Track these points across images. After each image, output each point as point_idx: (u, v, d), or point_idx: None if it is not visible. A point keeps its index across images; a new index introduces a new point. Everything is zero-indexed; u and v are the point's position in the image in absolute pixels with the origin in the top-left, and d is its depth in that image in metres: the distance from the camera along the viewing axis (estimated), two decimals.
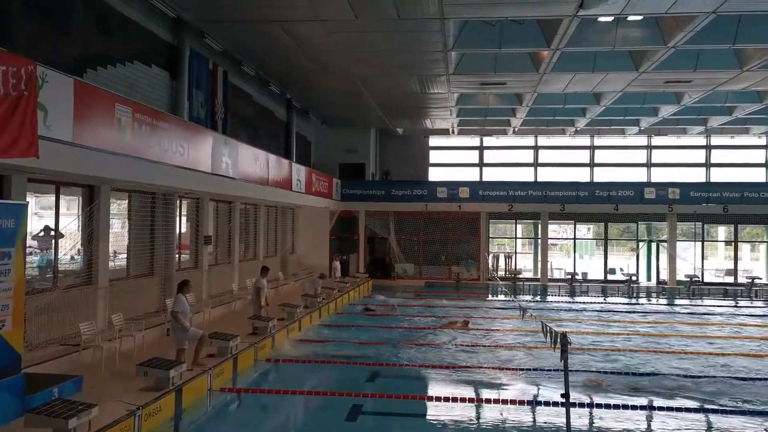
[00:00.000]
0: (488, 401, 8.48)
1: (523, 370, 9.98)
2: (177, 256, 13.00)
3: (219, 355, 9.58)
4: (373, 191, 25.88)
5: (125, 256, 11.57)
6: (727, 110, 22.41)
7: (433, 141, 29.30)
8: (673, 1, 11.93)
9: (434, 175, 28.80)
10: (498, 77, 17.95)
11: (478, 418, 8.08)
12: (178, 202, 12.90)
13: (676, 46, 14.52)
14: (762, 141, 27.38)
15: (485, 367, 10.21)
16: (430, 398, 8.86)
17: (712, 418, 8.04)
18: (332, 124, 25.86)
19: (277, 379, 10.20)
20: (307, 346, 11.98)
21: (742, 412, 8.07)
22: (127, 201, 11.58)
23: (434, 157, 29.44)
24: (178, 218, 13.04)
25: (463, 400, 8.50)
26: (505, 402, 8.42)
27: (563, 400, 6.13)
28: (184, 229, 13.88)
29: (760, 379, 9.69)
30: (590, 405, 8.31)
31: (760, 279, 24.33)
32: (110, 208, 10.56)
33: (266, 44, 15.33)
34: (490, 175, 28.68)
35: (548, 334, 6.65)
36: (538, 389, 9.08)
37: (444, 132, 27.88)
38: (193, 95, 13.78)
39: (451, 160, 29.55)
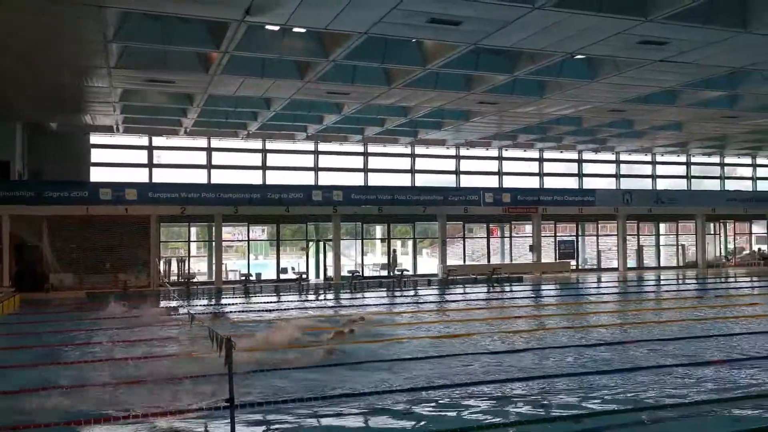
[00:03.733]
0: (154, 415, 8.00)
1: (189, 378, 9.68)
2: None
3: None
4: (20, 193, 22.75)
5: None
6: (379, 121, 25.13)
7: (95, 139, 26.91)
8: (332, 19, 12.91)
9: (97, 175, 26.46)
10: (166, 75, 17.27)
11: None
12: None
13: (336, 60, 15.75)
14: (408, 150, 31.39)
15: (148, 381, 9.63)
16: (88, 422, 8.02)
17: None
18: None
19: None
20: None
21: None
22: None
23: (97, 156, 27.05)
24: None
25: (125, 418, 7.88)
26: (172, 414, 8.05)
27: (227, 404, 6.08)
28: None
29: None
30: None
31: (408, 271, 27.86)
32: None
33: None
34: (161, 176, 27.49)
35: (214, 340, 6.55)
36: (205, 395, 8.86)
37: (108, 129, 25.80)
38: None
39: (117, 159, 27.51)
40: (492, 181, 32.58)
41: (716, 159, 36.67)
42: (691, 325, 14.38)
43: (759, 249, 35.93)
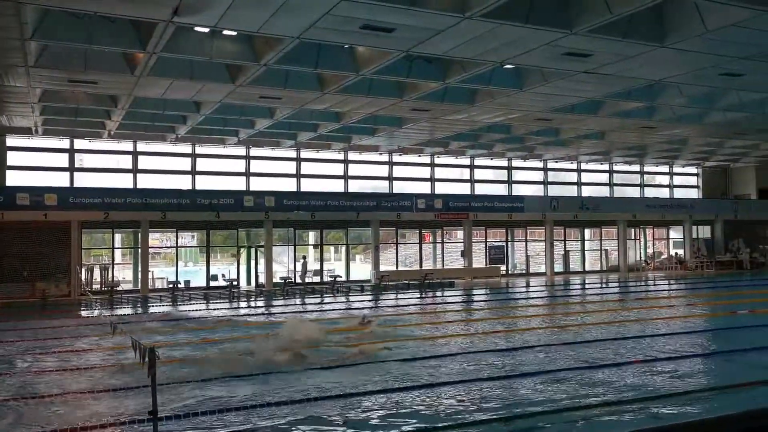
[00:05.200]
0: (75, 429, 7.64)
1: (110, 390, 9.31)
2: None
3: None
4: None
5: None
6: (312, 127, 24.94)
7: (12, 141, 25.54)
8: (263, 22, 12.75)
9: (13, 179, 25.14)
10: (88, 75, 16.61)
11: None
12: None
13: (268, 64, 15.54)
14: (341, 156, 31.30)
15: (68, 393, 9.21)
16: None
17: None
18: None
19: None
20: None
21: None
22: None
23: (13, 159, 25.68)
24: None
25: None
26: (93, 428, 7.72)
27: (151, 417, 5.88)
28: None
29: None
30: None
31: (341, 277, 27.77)
32: None
33: None
34: (84, 180, 26.41)
35: (137, 350, 6.32)
36: (128, 408, 8.55)
37: (26, 131, 24.56)
38: None
39: (36, 163, 26.19)
40: (424, 188, 32.91)
41: (636, 167, 38.35)
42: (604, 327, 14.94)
43: (676, 253, 37.74)
